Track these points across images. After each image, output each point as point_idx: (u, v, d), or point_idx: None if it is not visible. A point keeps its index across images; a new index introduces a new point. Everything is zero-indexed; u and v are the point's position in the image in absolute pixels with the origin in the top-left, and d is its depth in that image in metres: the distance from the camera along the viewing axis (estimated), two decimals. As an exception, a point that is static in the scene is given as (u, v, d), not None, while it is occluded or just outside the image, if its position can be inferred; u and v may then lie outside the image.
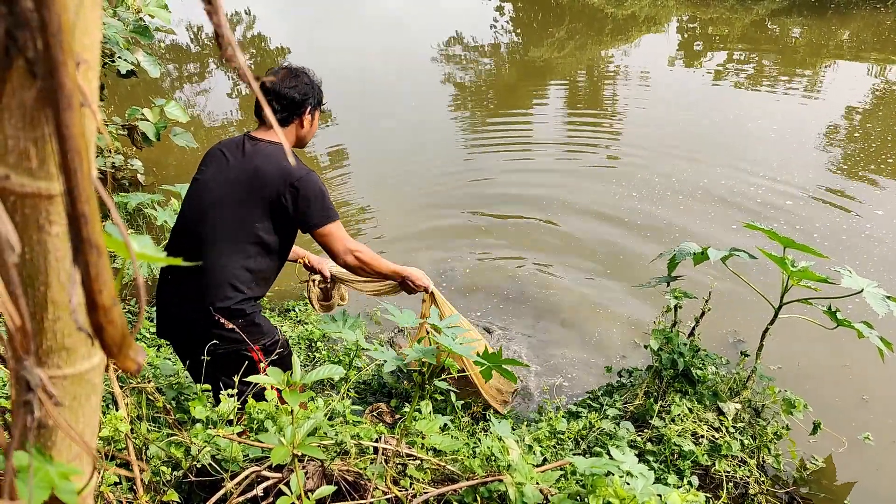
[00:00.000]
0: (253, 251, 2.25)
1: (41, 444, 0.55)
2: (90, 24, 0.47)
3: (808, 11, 11.86)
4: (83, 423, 0.58)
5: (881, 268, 4.26)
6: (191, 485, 1.83)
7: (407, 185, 5.95)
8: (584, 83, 8.80)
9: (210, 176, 2.27)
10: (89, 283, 0.41)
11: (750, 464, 2.58)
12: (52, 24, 0.36)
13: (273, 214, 2.23)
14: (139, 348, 0.46)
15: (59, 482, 0.49)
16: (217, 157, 2.30)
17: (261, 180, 2.20)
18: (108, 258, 0.43)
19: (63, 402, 0.52)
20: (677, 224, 4.96)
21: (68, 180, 0.39)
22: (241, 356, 2.29)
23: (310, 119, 2.40)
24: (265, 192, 2.19)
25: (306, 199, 2.21)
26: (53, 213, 0.47)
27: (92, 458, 0.51)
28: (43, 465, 0.51)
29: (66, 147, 0.39)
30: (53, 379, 0.53)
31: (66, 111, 0.38)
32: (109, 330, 0.43)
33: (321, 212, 2.25)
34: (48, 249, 0.49)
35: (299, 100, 2.32)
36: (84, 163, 0.39)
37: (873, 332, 2.35)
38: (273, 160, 2.23)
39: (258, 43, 11.96)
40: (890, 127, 6.56)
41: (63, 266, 0.47)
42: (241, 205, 2.21)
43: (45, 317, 0.52)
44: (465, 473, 1.87)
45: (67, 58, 0.38)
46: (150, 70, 3.76)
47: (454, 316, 2.32)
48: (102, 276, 0.41)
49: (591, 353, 3.70)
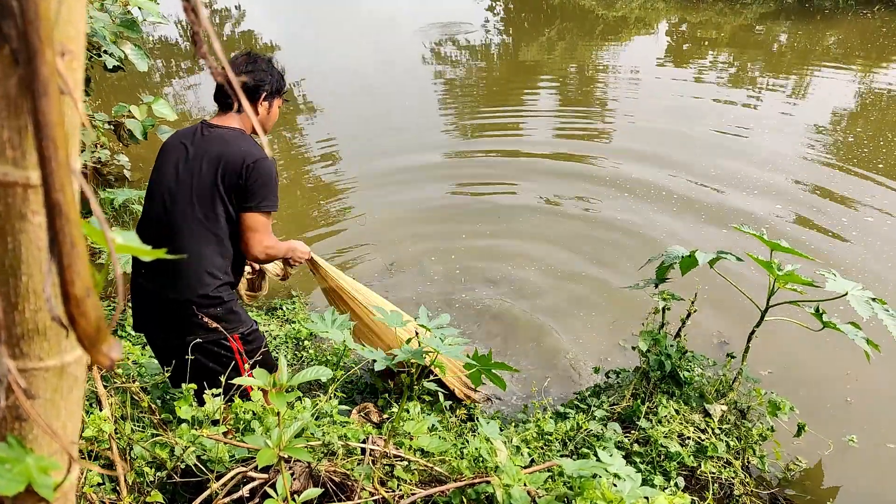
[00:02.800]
0: (223, 236, 2.24)
1: (22, 436, 0.54)
2: (75, 14, 0.47)
3: (796, 16, 11.97)
4: (65, 417, 0.57)
5: (874, 270, 4.29)
6: (175, 485, 1.82)
7: (395, 180, 5.93)
8: (573, 84, 8.83)
9: (172, 166, 2.25)
10: (62, 274, 0.41)
11: (735, 465, 2.60)
12: (30, 11, 0.36)
13: (238, 198, 2.22)
14: (115, 343, 0.45)
15: (37, 476, 0.48)
16: (176, 147, 2.28)
17: (222, 165, 2.19)
18: (84, 249, 0.42)
19: (42, 395, 0.51)
20: (664, 225, 4.98)
21: (43, 168, 0.39)
22: (220, 346, 2.28)
23: (266, 106, 2.37)
24: (227, 176, 2.19)
25: (255, 180, 2.19)
26: (35, 202, 0.46)
27: (66, 449, 0.50)
28: (22, 458, 0.50)
29: (42, 135, 0.38)
30: (35, 370, 0.52)
31: (42, 98, 0.37)
32: (82, 322, 0.42)
33: (263, 197, 2.23)
34: (30, 239, 0.48)
35: (252, 85, 2.30)
36: (60, 151, 0.38)
37: (860, 333, 2.37)
38: (232, 144, 2.23)
39: (248, 40, 11.91)
40: (880, 130, 6.63)
41: (45, 256, 0.46)
42: (207, 191, 2.19)
43: (27, 307, 0.51)
44: (453, 475, 1.86)
45: (45, 46, 0.37)
46: (138, 63, 3.72)
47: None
48: (76, 266, 0.40)
49: (578, 353, 3.70)
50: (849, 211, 5.09)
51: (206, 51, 0.43)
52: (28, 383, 0.50)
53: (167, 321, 2.28)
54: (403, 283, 4.41)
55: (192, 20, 0.40)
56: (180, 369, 2.19)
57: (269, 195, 2.24)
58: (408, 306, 3.97)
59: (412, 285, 4.39)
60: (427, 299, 4.15)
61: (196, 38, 0.42)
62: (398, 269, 4.55)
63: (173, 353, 2.27)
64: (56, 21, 0.41)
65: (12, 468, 0.46)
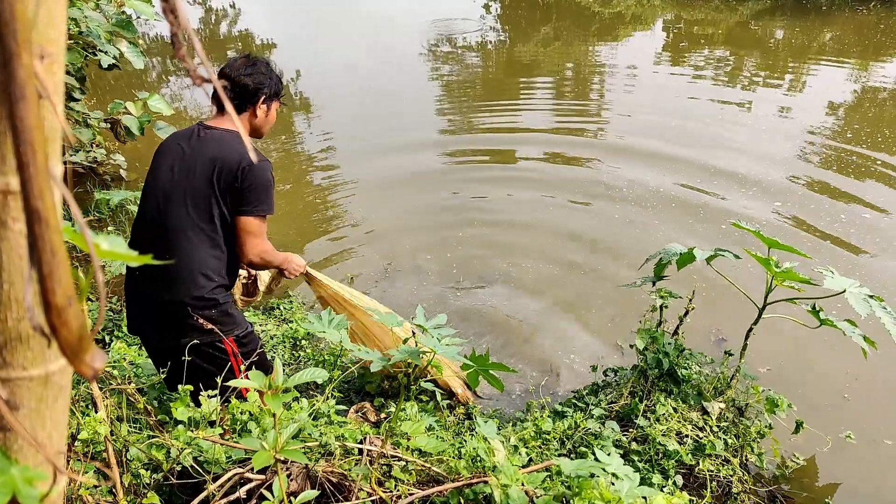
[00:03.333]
0: (218, 239, 2.24)
1: (7, 447, 0.53)
2: (55, 16, 0.46)
3: (792, 13, 11.97)
4: (50, 427, 0.56)
5: (871, 266, 4.29)
6: (172, 487, 1.81)
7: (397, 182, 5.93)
8: (569, 82, 8.82)
9: (168, 167, 2.24)
10: (43, 282, 0.40)
11: (733, 463, 2.59)
12: (5, 12, 0.35)
13: (233, 201, 2.22)
14: (98, 353, 0.44)
15: (23, 487, 0.47)
16: (173, 148, 2.28)
17: (218, 167, 2.18)
18: (64, 257, 0.41)
19: (26, 405, 0.50)
20: (661, 223, 4.97)
21: (21, 175, 0.38)
22: (215, 349, 2.27)
23: (264, 109, 2.38)
24: (223, 178, 2.18)
25: (252, 184, 2.20)
26: (15, 209, 0.45)
27: (51, 461, 0.49)
28: (7, 469, 0.49)
29: (20, 140, 0.37)
30: (18, 380, 0.51)
31: (18, 102, 0.37)
32: (63, 331, 0.41)
33: (260, 201, 2.24)
34: (11, 246, 0.47)
35: (252, 88, 2.31)
36: (39, 156, 0.38)
37: (857, 330, 2.37)
38: (229, 146, 2.22)
39: (244, 38, 11.88)
40: (877, 126, 6.63)
41: (25, 264, 0.46)
42: (202, 193, 2.19)
43: (9, 315, 0.50)
44: (451, 475, 1.85)
45: (22, 49, 0.36)
46: (134, 61, 3.71)
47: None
48: (56, 274, 0.40)
49: (575, 352, 3.70)
50: (847, 207, 5.09)
51: (184, 53, 0.42)
52: (11, 393, 0.50)
53: (162, 323, 2.27)
54: (400, 283, 4.40)
55: (171, 21, 0.40)
56: (176, 371, 2.18)
57: (264, 199, 2.24)
58: (404, 306, 3.97)
59: (409, 285, 4.38)
60: (424, 299, 4.14)
61: (175, 40, 0.41)
62: (395, 269, 4.55)
63: (169, 356, 2.26)
64: (34, 23, 0.41)
65: (-4, 480, 0.46)
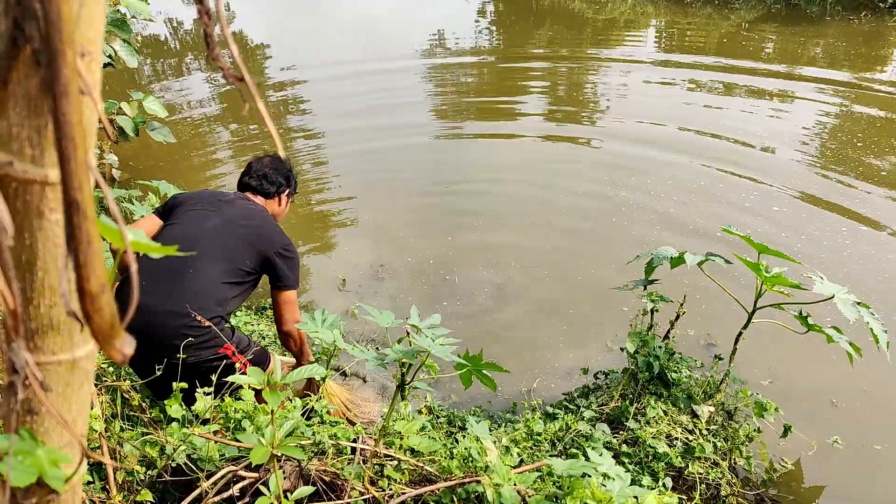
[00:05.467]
0: (237, 279, 2.48)
1: (33, 429, 0.55)
2: (95, 16, 0.48)
3: (783, 21, 12.09)
4: (76, 411, 0.58)
5: (859, 274, 4.35)
6: (165, 484, 1.81)
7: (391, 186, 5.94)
8: (562, 87, 8.87)
9: (211, 209, 2.54)
10: (78, 270, 0.42)
11: (722, 466, 2.63)
12: (53, 13, 0.37)
13: (260, 264, 2.54)
14: (127, 339, 0.46)
15: (49, 468, 0.49)
16: (216, 197, 2.62)
17: (262, 235, 2.55)
18: (99, 247, 0.43)
19: (54, 388, 0.52)
20: (654, 228, 5.01)
21: (62, 167, 0.40)
22: (210, 364, 2.29)
23: (286, 200, 2.88)
24: (262, 245, 2.52)
25: (290, 264, 2.58)
26: (53, 200, 0.48)
27: (79, 443, 0.51)
28: (34, 450, 0.50)
29: (62, 134, 0.39)
30: (48, 364, 0.53)
31: (62, 98, 0.38)
32: (96, 318, 0.43)
33: (295, 277, 2.61)
34: (47, 236, 0.50)
35: (282, 181, 2.82)
36: (79, 151, 0.39)
37: (843, 336, 2.40)
38: (270, 224, 2.63)
39: (238, 39, 11.85)
40: (868, 135, 6.71)
41: (61, 253, 0.48)
42: (240, 242, 2.49)
43: (42, 302, 0.53)
44: (443, 474, 1.87)
45: (66, 47, 0.38)
46: (128, 60, 3.70)
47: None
48: (91, 263, 0.41)
49: (566, 354, 3.73)
50: (838, 217, 5.14)
51: (218, 53, 0.43)
52: (42, 377, 0.51)
53: (157, 332, 2.27)
54: (392, 284, 4.41)
55: (206, 23, 0.41)
56: (163, 384, 2.17)
57: (297, 276, 2.62)
58: (396, 308, 3.99)
59: (401, 286, 4.40)
60: (415, 300, 4.16)
61: (209, 41, 0.43)
62: (386, 271, 4.56)
63: (158, 362, 2.25)
64: (77, 23, 0.42)
65: (24, 460, 0.47)
